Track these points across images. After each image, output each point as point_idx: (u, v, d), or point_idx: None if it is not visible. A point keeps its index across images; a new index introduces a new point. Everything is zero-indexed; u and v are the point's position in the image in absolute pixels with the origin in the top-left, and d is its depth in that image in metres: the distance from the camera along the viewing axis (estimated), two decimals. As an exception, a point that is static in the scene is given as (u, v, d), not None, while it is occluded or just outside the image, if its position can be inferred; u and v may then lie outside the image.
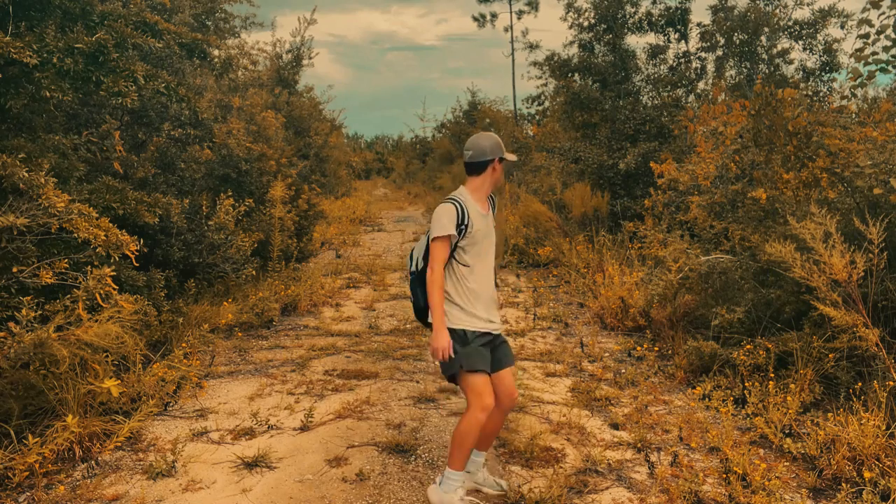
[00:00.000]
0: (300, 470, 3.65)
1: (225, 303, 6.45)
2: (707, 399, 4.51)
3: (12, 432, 3.51)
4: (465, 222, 3.06)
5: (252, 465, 3.69)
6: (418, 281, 3.22)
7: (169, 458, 3.70)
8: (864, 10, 4.95)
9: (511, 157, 3.25)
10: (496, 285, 3.35)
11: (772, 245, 4.23)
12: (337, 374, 5.28)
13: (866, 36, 4.90)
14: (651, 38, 12.23)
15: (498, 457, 3.81)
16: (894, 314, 4.29)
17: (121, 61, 4.28)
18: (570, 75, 12.13)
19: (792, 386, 4.25)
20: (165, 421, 4.33)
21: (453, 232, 3.04)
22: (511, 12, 25.68)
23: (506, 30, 34.92)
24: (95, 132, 5.33)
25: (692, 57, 12.00)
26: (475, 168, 3.16)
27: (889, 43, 4.86)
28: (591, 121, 11.66)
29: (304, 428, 4.19)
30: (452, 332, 3.11)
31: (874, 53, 4.90)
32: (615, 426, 4.21)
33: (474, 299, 3.15)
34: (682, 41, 12.09)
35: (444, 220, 3.04)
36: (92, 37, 4.15)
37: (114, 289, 3.78)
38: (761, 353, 4.58)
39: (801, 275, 4.03)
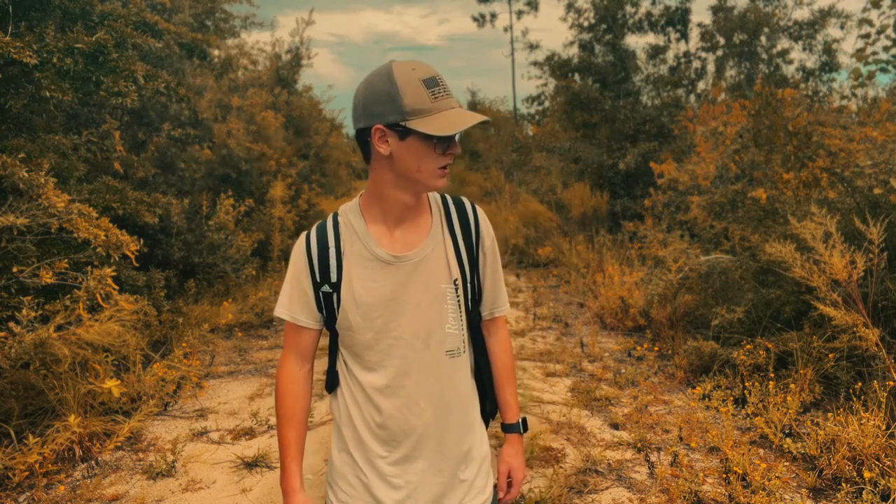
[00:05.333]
0: (300, 470, 3.65)
1: (225, 303, 6.45)
2: (707, 399, 4.51)
3: (12, 432, 3.51)
4: (330, 277, 1.49)
5: (252, 465, 3.69)
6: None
7: (169, 458, 3.70)
8: (865, 9, 4.95)
9: (442, 127, 1.35)
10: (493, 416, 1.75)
11: (772, 245, 4.23)
12: (337, 374, 5.28)
13: (866, 36, 4.91)
14: (651, 38, 12.25)
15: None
16: (894, 314, 4.29)
17: (121, 61, 4.28)
18: (570, 75, 12.12)
19: (792, 386, 4.25)
20: (165, 421, 4.33)
21: (293, 316, 1.55)
22: (511, 12, 25.70)
23: (505, 30, 35.00)
24: (95, 132, 5.33)
25: (692, 57, 12.01)
26: (359, 146, 1.48)
27: (889, 43, 4.86)
28: (591, 121, 11.66)
29: (304, 428, 4.19)
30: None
31: (874, 53, 4.90)
32: (615, 426, 4.21)
33: (379, 445, 1.54)
34: (683, 41, 12.09)
35: (284, 282, 1.58)
36: (92, 37, 4.15)
37: (114, 289, 3.78)
38: (761, 353, 4.58)
39: (801, 275, 4.03)
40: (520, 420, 1.75)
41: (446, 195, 1.62)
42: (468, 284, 1.57)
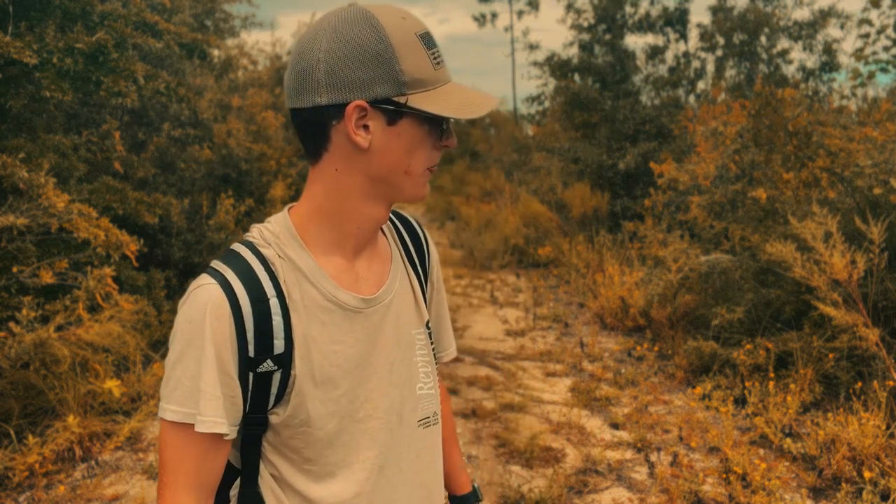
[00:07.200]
0: (300, 470, 3.65)
1: (225, 303, 6.44)
2: (707, 399, 4.51)
3: (12, 432, 3.51)
4: (273, 348, 0.92)
5: (252, 465, 3.68)
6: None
7: (169, 458, 3.69)
8: (865, 9, 4.96)
9: (461, 108, 0.92)
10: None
11: (772, 245, 4.24)
12: (337, 374, 5.27)
13: (866, 36, 4.91)
14: (650, 38, 12.27)
15: (498, 457, 3.81)
16: (894, 314, 4.29)
17: (121, 61, 4.28)
18: (569, 75, 12.13)
19: (792, 386, 4.25)
20: (165, 421, 4.33)
21: (216, 422, 0.92)
22: (511, 12, 25.71)
23: (506, 30, 35.04)
24: (95, 132, 5.33)
25: (692, 57, 12.01)
26: (303, 133, 0.96)
27: (889, 43, 4.87)
28: (590, 121, 11.66)
29: (304, 428, 4.19)
30: None
31: (874, 53, 4.91)
32: (615, 426, 4.21)
33: None
34: (682, 41, 12.10)
35: (178, 367, 0.91)
36: (92, 37, 4.15)
37: (114, 289, 3.78)
38: (761, 352, 4.58)
39: (801, 274, 4.03)
40: (475, 486, 1.32)
41: None
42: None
